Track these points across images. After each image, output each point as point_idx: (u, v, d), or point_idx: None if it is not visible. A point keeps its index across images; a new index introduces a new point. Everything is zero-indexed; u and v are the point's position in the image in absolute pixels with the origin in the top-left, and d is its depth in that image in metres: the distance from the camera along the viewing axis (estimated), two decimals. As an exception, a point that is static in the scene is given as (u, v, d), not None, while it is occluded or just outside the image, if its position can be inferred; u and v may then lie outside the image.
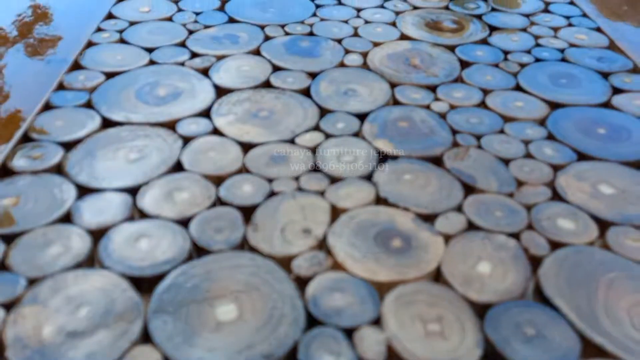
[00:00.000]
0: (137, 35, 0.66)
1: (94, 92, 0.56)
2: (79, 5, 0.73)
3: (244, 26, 0.70)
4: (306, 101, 0.56)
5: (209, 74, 0.60)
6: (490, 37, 0.70)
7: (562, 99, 0.58)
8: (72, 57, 0.61)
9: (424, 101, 0.57)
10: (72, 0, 0.74)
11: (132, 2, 0.74)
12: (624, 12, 0.76)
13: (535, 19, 0.74)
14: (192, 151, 0.49)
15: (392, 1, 0.78)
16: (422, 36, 0.69)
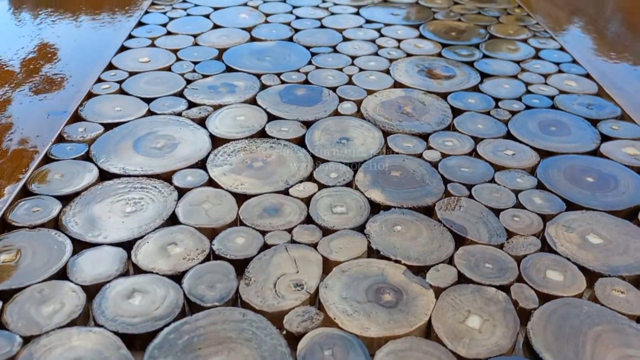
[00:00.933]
0: (136, 85, 0.68)
1: (92, 143, 0.57)
2: (81, 56, 0.75)
3: (240, 75, 0.72)
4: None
5: (205, 124, 0.61)
6: (482, 84, 0.71)
7: (551, 146, 0.59)
8: (72, 108, 0.62)
9: (416, 150, 0.58)
10: (74, 51, 0.76)
11: (132, 52, 0.76)
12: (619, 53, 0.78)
13: (526, 66, 0.76)
14: (187, 203, 0.49)
15: (386, 48, 0.80)
16: (415, 83, 0.71)
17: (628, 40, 0.84)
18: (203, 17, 0.89)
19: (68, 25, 0.86)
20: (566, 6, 0.97)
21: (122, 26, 0.84)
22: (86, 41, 0.80)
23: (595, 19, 0.92)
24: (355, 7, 0.95)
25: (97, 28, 0.85)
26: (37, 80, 0.69)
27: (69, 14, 0.91)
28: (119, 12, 0.91)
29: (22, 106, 0.63)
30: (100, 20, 0.88)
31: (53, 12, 0.90)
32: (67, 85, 0.68)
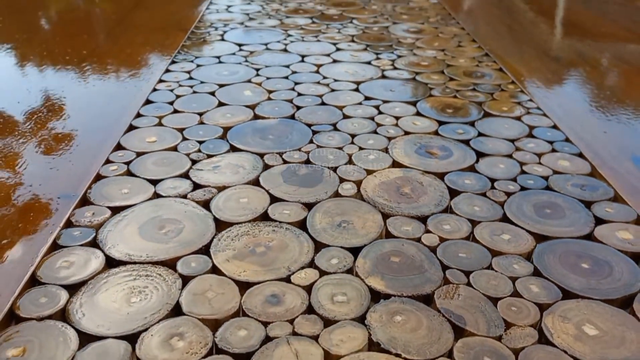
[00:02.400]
0: (143, 166, 0.71)
1: (100, 228, 0.59)
2: (89, 137, 0.78)
3: (244, 155, 0.75)
4: (302, 234, 0.59)
5: (210, 206, 0.63)
6: (478, 163, 0.73)
7: (547, 230, 0.60)
8: (81, 190, 0.64)
9: (415, 233, 0.60)
10: (85, 134, 0.79)
11: (140, 132, 0.79)
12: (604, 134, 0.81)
13: (520, 144, 0.78)
14: (191, 292, 0.51)
15: (385, 126, 0.83)
16: (412, 163, 0.73)
17: (620, 119, 0.87)
18: (208, 94, 0.93)
19: (79, 103, 0.90)
20: (558, 81, 1.01)
21: (130, 104, 0.87)
22: (97, 120, 0.83)
23: (587, 96, 0.96)
24: (355, 82, 0.99)
25: (107, 105, 0.88)
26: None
27: (81, 91, 0.95)
28: (129, 87, 0.95)
29: (30, 190, 0.66)
30: (111, 97, 0.92)
31: (63, 93, 0.94)
32: (76, 166, 0.70)
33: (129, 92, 0.93)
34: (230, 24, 1.32)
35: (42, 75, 1.02)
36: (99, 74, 1.02)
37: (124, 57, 1.09)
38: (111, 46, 1.15)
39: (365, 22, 1.35)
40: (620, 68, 1.09)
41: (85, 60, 1.08)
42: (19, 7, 1.44)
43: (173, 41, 1.16)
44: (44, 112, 0.85)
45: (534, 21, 1.40)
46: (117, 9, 1.41)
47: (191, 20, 1.30)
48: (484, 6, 1.54)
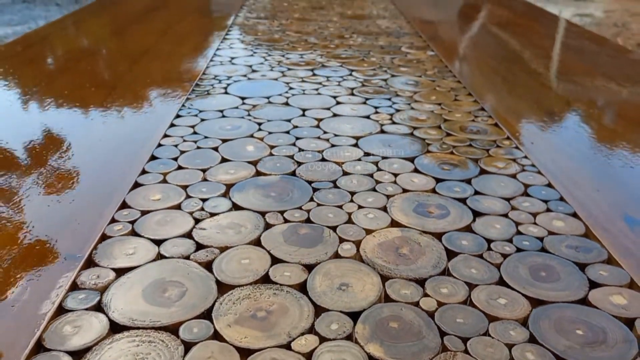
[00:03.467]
0: (147, 226, 0.72)
1: (104, 291, 0.60)
2: (96, 194, 0.80)
3: (246, 213, 0.76)
4: (302, 298, 0.60)
5: (212, 268, 0.65)
6: (474, 223, 0.75)
7: (542, 294, 0.61)
8: (86, 251, 0.66)
9: (413, 297, 0.61)
10: (90, 191, 0.81)
11: (145, 189, 0.81)
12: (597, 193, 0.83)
13: (515, 203, 0.80)
14: (192, 359, 0.51)
15: (383, 184, 0.85)
16: (411, 222, 0.75)
17: (611, 175, 0.89)
18: (212, 149, 0.95)
19: (84, 159, 0.92)
20: (552, 136, 1.04)
21: (135, 160, 0.90)
22: (103, 176, 0.85)
23: (580, 151, 0.98)
24: (354, 137, 1.01)
25: (113, 161, 0.90)
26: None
27: (87, 145, 0.97)
28: (135, 142, 0.98)
29: (37, 247, 0.67)
30: (116, 152, 0.94)
31: (69, 147, 0.97)
32: (82, 225, 0.72)
33: (134, 147, 0.95)
34: (234, 76, 1.35)
35: (44, 124, 1.05)
36: (105, 129, 1.04)
37: (130, 111, 1.12)
38: (117, 99, 1.19)
39: (364, 74, 1.39)
40: (612, 122, 1.12)
41: (91, 114, 1.11)
42: (26, 59, 1.48)
43: (178, 94, 1.20)
44: (48, 170, 0.88)
45: (528, 72, 1.44)
46: (124, 60, 1.45)
47: (196, 73, 1.34)
48: (480, 57, 1.58)
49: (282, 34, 1.81)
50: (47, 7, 8.34)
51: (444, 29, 1.85)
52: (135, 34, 1.71)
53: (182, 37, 1.72)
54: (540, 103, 1.22)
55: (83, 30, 1.68)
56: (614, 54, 1.59)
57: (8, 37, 6.87)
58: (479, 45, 1.73)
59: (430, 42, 1.66)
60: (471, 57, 1.58)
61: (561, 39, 1.81)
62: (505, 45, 1.74)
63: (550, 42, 1.76)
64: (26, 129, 1.03)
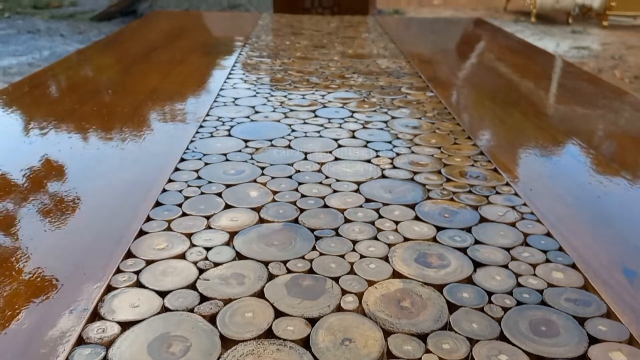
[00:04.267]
0: (152, 276, 0.73)
1: (110, 346, 0.61)
2: (101, 243, 0.81)
3: (249, 264, 0.78)
4: (306, 354, 0.61)
5: (216, 321, 0.65)
6: (475, 274, 0.76)
7: (542, 350, 0.62)
8: (92, 303, 0.67)
9: (415, 354, 0.61)
10: (96, 239, 0.82)
11: (150, 238, 0.82)
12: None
13: (515, 253, 0.81)
14: (198, 419, 0.52)
15: (385, 232, 0.87)
16: (412, 273, 0.76)
17: (610, 224, 0.90)
18: (216, 195, 0.97)
19: (91, 205, 0.93)
20: (550, 183, 1.06)
21: (142, 206, 0.91)
22: (108, 225, 0.86)
23: (579, 199, 1.00)
24: (356, 183, 1.03)
25: (119, 208, 0.92)
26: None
27: (92, 190, 0.99)
28: (140, 187, 0.99)
29: (43, 303, 0.68)
30: (125, 198, 0.96)
31: (76, 192, 0.98)
32: (88, 276, 0.73)
33: (140, 192, 0.97)
34: (237, 118, 1.38)
35: (48, 169, 1.06)
36: (111, 174, 1.06)
37: (136, 155, 1.14)
38: (123, 142, 1.21)
39: (365, 116, 1.42)
40: (610, 169, 1.14)
41: (97, 158, 1.13)
42: (31, 100, 1.51)
43: (182, 137, 1.22)
44: (53, 217, 0.89)
45: (525, 114, 1.46)
46: (129, 102, 1.48)
47: (200, 115, 1.37)
48: (478, 98, 1.61)
49: (284, 73, 1.84)
50: (52, 38, 8.49)
51: (443, 69, 1.89)
52: (140, 74, 1.74)
53: (186, 77, 1.76)
54: (538, 147, 1.24)
55: (88, 71, 1.72)
56: (611, 97, 1.62)
57: (12, 67, 6.97)
58: (477, 86, 1.76)
59: (429, 83, 1.70)
60: (469, 98, 1.61)
61: (558, 79, 1.84)
62: (502, 87, 1.78)
63: (548, 82, 1.80)
64: (29, 171, 1.05)
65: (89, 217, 0.89)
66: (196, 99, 1.54)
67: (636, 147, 1.28)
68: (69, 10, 10.52)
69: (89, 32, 8.78)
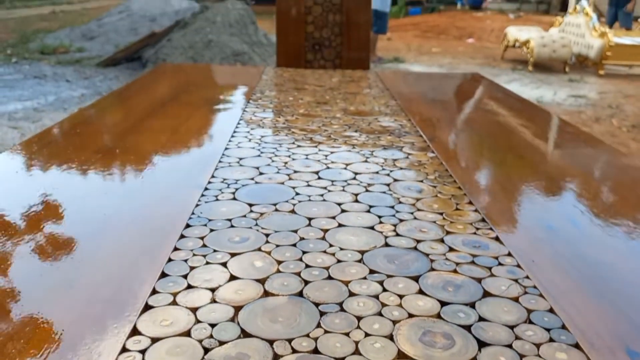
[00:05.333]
0: (157, 355, 0.74)
1: None
2: (107, 320, 0.81)
3: (254, 342, 0.78)
4: None
5: (221, 407, 0.65)
6: (480, 353, 0.76)
7: None
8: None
9: None
10: (101, 318, 0.82)
11: (155, 313, 0.83)
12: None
13: (518, 332, 0.81)
14: None
15: (389, 307, 0.87)
16: (417, 354, 0.76)
17: (612, 300, 0.91)
18: (221, 264, 0.98)
19: (95, 281, 0.94)
20: (552, 253, 1.07)
21: (148, 277, 0.92)
22: (113, 301, 0.87)
23: (580, 271, 1.01)
24: (359, 252, 1.04)
25: (124, 282, 0.93)
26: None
27: (99, 262, 1.00)
28: (145, 256, 1.00)
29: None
30: (129, 268, 0.96)
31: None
32: (96, 356, 0.73)
33: (146, 262, 0.98)
34: (242, 180, 1.40)
35: (54, 237, 1.08)
36: (119, 241, 1.07)
37: (142, 222, 1.16)
38: (128, 209, 1.22)
39: (368, 177, 1.44)
40: (613, 240, 1.15)
41: (105, 225, 1.14)
42: (39, 161, 1.53)
43: (188, 201, 1.24)
44: (59, 295, 0.90)
45: (525, 178, 1.48)
46: (136, 163, 1.51)
47: (205, 177, 1.39)
48: (479, 160, 1.64)
49: (287, 131, 1.88)
50: (57, 83, 8.65)
51: (443, 128, 1.93)
52: (147, 132, 1.78)
53: (191, 135, 1.79)
54: (539, 215, 1.26)
55: (96, 128, 1.76)
56: (610, 160, 1.65)
57: (18, 112, 7.08)
58: (476, 147, 1.79)
59: (430, 143, 1.73)
60: (470, 159, 1.64)
61: (557, 139, 1.88)
62: (502, 147, 1.81)
63: (546, 144, 1.83)
64: (34, 243, 1.06)
65: (97, 290, 0.90)
66: (202, 159, 1.57)
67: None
68: (75, 56, 10.76)
69: (95, 77, 8.96)
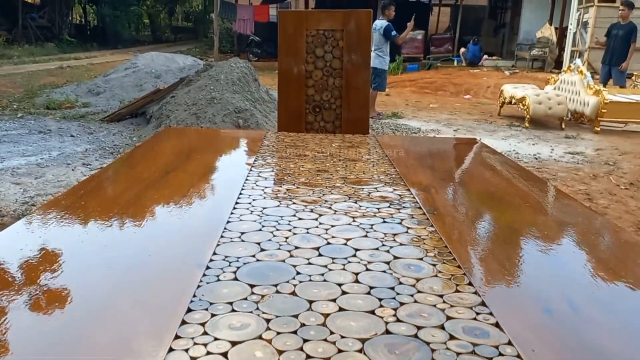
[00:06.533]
0: None
1: None
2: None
3: None
4: None
5: None
6: None
7: None
8: None
9: None
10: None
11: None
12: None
13: None
14: None
15: (390, 403, 0.87)
16: None
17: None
18: (221, 355, 0.98)
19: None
20: (553, 342, 1.07)
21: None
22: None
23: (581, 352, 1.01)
24: (360, 340, 1.04)
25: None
26: None
27: (101, 346, 1.00)
28: (148, 340, 1.00)
29: None
30: (130, 348, 0.97)
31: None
32: None
33: (146, 350, 0.98)
34: (242, 258, 1.41)
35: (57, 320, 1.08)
36: (115, 330, 1.08)
37: (141, 308, 1.16)
38: (132, 288, 1.23)
39: (368, 255, 1.45)
40: (615, 324, 1.16)
41: (102, 308, 1.15)
42: (43, 240, 1.55)
43: (189, 283, 1.25)
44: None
45: (524, 257, 1.50)
46: (135, 242, 1.52)
47: (207, 254, 1.40)
48: (477, 237, 1.66)
49: (289, 202, 1.90)
50: (62, 138, 8.78)
51: (442, 200, 1.95)
52: (148, 203, 1.81)
53: (194, 207, 1.82)
54: (537, 295, 1.26)
55: (98, 202, 1.78)
56: (612, 240, 1.67)
57: (21, 167, 7.15)
58: (475, 220, 1.81)
59: (429, 216, 1.75)
60: (469, 235, 1.66)
61: (555, 213, 1.90)
62: (500, 223, 1.83)
63: (546, 218, 1.85)
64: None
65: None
66: (204, 233, 1.58)
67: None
68: (81, 111, 10.97)
69: (99, 132, 9.10)
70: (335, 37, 3.73)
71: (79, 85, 13.92)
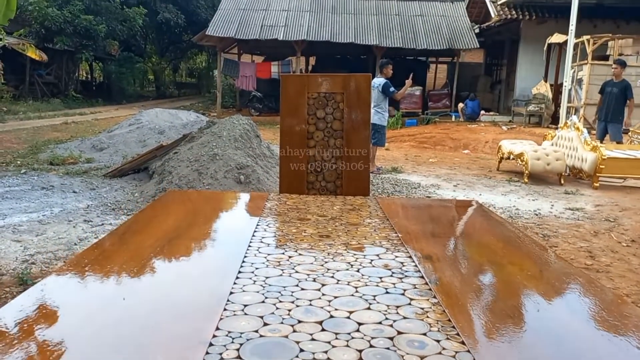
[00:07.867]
0: None
1: None
2: None
3: None
4: None
5: None
6: None
7: None
8: None
9: None
10: None
11: None
12: None
13: None
14: None
15: None
16: None
17: None
18: None
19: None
20: None
21: None
22: None
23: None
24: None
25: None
26: None
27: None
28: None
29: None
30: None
31: None
32: None
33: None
34: (246, 333, 1.41)
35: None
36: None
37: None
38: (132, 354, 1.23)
39: (371, 330, 1.45)
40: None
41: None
42: (44, 313, 1.55)
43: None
44: None
45: (527, 335, 1.49)
46: (137, 318, 1.52)
47: (210, 330, 1.40)
48: (480, 309, 1.66)
49: (292, 271, 1.91)
50: (64, 194, 8.83)
51: (444, 269, 1.96)
52: (150, 274, 1.81)
53: (196, 278, 1.83)
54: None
55: (101, 273, 1.79)
56: (613, 310, 1.67)
57: (22, 224, 7.15)
58: (477, 292, 1.81)
59: (432, 286, 1.76)
60: (471, 308, 1.66)
61: (556, 282, 1.91)
62: (501, 293, 1.83)
63: (544, 286, 1.86)
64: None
65: None
66: (207, 306, 1.58)
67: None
68: (84, 167, 11.08)
69: (101, 188, 9.16)
70: (336, 99, 3.83)
71: (83, 141, 14.11)
